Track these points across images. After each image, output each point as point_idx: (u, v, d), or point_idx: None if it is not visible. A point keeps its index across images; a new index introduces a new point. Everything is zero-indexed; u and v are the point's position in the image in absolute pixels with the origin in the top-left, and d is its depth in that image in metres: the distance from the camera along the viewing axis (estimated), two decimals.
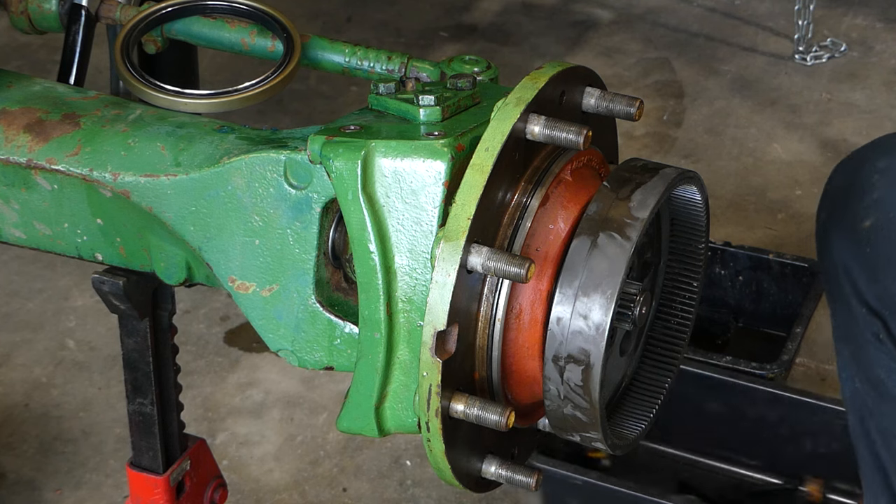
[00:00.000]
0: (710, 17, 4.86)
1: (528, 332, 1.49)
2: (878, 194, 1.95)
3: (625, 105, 1.54)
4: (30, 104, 1.72)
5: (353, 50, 1.96)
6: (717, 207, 3.81)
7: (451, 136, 1.48)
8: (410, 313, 1.48)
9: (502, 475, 1.54)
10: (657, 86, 4.46)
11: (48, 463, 2.96)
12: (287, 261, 1.56)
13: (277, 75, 1.85)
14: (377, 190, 1.48)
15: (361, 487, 2.89)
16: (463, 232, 1.40)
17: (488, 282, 1.47)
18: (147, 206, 1.62)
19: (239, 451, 2.98)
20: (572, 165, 1.54)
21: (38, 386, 3.17)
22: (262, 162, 1.55)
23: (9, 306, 3.43)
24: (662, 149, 4.13)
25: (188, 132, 1.65)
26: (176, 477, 1.97)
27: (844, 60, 4.58)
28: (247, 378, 3.19)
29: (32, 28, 2.06)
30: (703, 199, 1.64)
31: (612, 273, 1.43)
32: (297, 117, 4.24)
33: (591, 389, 1.45)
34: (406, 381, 1.50)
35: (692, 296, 1.72)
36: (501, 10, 4.94)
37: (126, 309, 1.81)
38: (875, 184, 1.97)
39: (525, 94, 1.47)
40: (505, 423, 1.45)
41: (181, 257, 1.66)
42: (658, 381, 1.70)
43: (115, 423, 3.05)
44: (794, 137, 4.17)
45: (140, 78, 1.83)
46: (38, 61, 4.45)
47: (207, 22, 2.00)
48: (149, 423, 1.93)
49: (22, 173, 1.68)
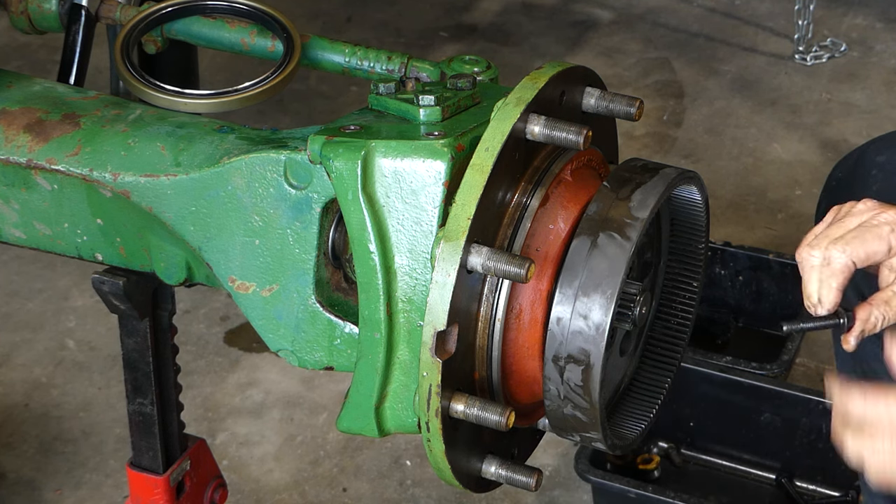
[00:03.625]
0: (710, 17, 4.86)
1: (528, 332, 1.49)
2: (876, 188, 1.95)
3: (625, 105, 1.55)
4: (30, 104, 1.72)
5: (353, 50, 1.96)
6: (717, 207, 3.81)
7: (451, 136, 1.48)
8: (410, 313, 1.48)
9: (502, 475, 1.53)
10: (657, 86, 4.46)
11: (48, 463, 2.96)
12: (287, 261, 1.56)
13: (277, 75, 1.85)
14: (377, 190, 1.48)
15: (361, 487, 2.89)
16: (463, 232, 1.40)
17: (488, 282, 1.47)
18: (147, 206, 1.62)
19: (239, 451, 2.99)
20: (572, 165, 1.54)
21: (38, 386, 3.17)
22: (262, 162, 1.55)
23: (9, 306, 3.43)
24: (662, 149, 4.13)
25: (188, 132, 1.65)
26: (176, 477, 1.97)
27: (844, 60, 4.58)
28: (247, 378, 3.20)
29: (32, 28, 2.06)
30: (703, 199, 1.64)
31: (612, 273, 1.43)
32: (297, 117, 4.24)
33: (591, 389, 1.45)
34: (406, 381, 1.50)
35: (692, 296, 1.72)
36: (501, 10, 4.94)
37: (126, 309, 1.81)
38: (874, 177, 1.98)
39: (525, 94, 1.47)
40: (505, 423, 1.44)
41: (181, 257, 1.66)
42: (658, 381, 1.70)
43: (115, 423, 3.04)
44: (794, 137, 4.17)
45: (140, 78, 1.83)
46: (38, 61, 4.45)
47: (207, 22, 2.00)
48: (149, 423, 1.93)
49: (22, 173, 1.68)
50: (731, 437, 2.89)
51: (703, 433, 2.91)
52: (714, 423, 2.90)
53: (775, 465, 2.88)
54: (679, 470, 2.92)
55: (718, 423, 2.89)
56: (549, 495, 2.86)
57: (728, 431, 2.89)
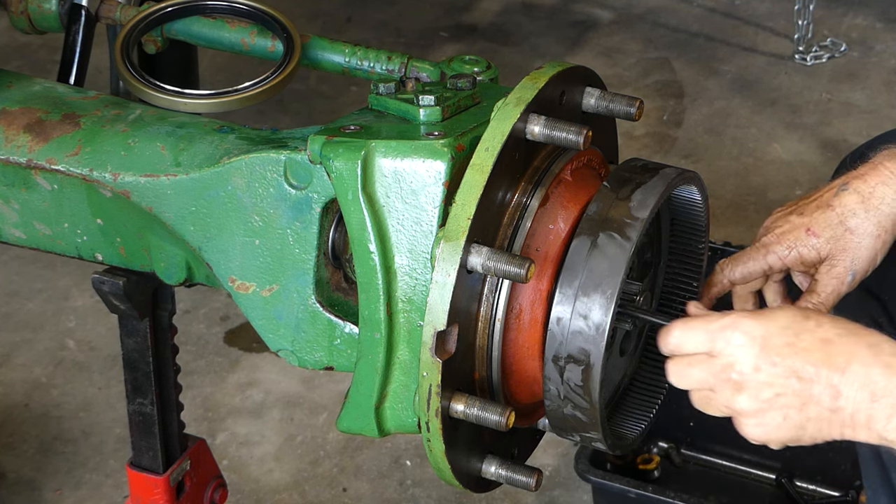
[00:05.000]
0: (710, 17, 4.86)
1: (528, 332, 1.49)
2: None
3: (625, 105, 1.54)
4: (30, 104, 1.72)
5: (353, 50, 1.96)
6: (717, 207, 3.81)
7: (451, 136, 1.48)
8: (410, 313, 1.48)
9: (502, 475, 1.53)
10: (657, 86, 4.46)
11: (48, 463, 2.96)
12: (287, 261, 1.56)
13: (277, 75, 1.85)
14: (377, 190, 1.48)
15: (361, 487, 2.89)
16: (463, 232, 1.40)
17: (488, 282, 1.47)
18: (147, 206, 1.62)
19: (239, 451, 2.98)
20: (572, 165, 1.54)
21: (38, 386, 3.17)
22: (262, 162, 1.55)
23: (9, 306, 3.43)
24: (662, 149, 4.13)
25: (188, 132, 1.65)
26: (176, 477, 1.97)
27: (844, 60, 4.58)
28: (247, 378, 3.20)
29: (32, 28, 2.06)
30: (703, 199, 1.64)
31: (612, 273, 1.43)
32: (297, 117, 4.24)
33: (591, 389, 1.45)
34: (406, 381, 1.50)
35: (692, 296, 1.72)
36: (501, 10, 4.94)
37: (126, 309, 1.81)
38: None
39: (525, 94, 1.47)
40: (505, 423, 1.44)
41: (181, 257, 1.66)
42: (658, 381, 1.70)
43: (115, 423, 3.04)
44: (794, 137, 4.17)
45: (140, 78, 1.83)
46: (38, 61, 4.45)
47: (207, 22, 2.00)
48: (149, 423, 1.93)
49: (22, 173, 1.68)
50: (731, 437, 2.86)
51: (703, 433, 2.91)
52: (714, 423, 2.89)
53: (775, 465, 2.87)
54: (679, 470, 2.92)
55: (718, 423, 2.88)
56: (549, 495, 2.86)
57: (728, 431, 2.87)
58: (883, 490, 1.93)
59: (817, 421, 1.46)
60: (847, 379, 1.43)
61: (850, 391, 1.43)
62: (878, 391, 1.42)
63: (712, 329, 1.47)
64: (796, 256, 1.71)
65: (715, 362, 1.46)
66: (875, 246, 1.69)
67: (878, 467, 1.93)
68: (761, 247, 1.73)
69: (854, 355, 1.44)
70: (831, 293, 1.69)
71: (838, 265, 1.69)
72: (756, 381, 1.45)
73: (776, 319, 1.46)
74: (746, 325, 1.45)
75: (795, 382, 1.44)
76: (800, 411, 1.45)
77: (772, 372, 1.44)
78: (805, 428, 1.47)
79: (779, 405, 1.46)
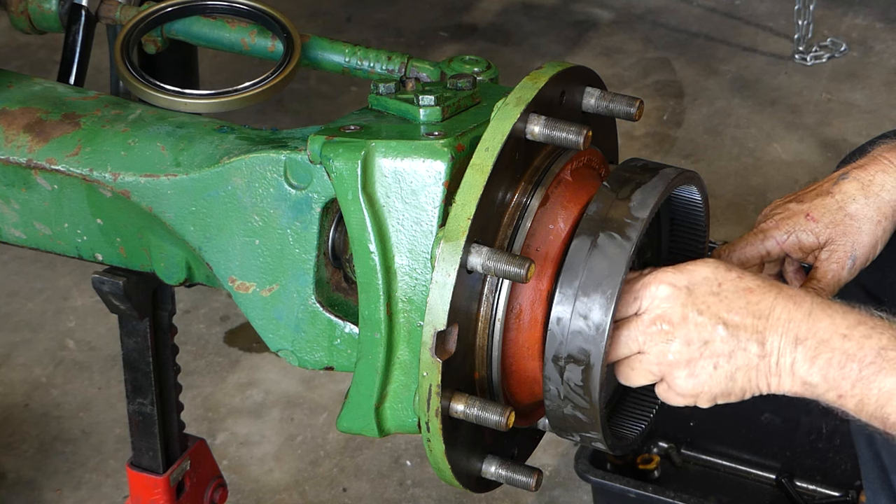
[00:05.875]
0: (710, 17, 4.86)
1: (528, 332, 1.49)
2: None
3: (625, 105, 1.54)
4: (30, 104, 1.72)
5: (353, 50, 1.96)
6: (717, 207, 3.81)
7: (451, 136, 1.48)
8: (410, 313, 1.48)
9: (502, 475, 1.53)
10: (657, 86, 4.46)
11: (48, 463, 2.96)
12: (287, 261, 1.56)
13: (277, 75, 1.85)
14: (377, 190, 1.48)
15: (361, 487, 2.89)
16: (463, 232, 1.40)
17: (488, 282, 1.47)
18: (147, 206, 1.62)
19: (239, 451, 2.98)
20: (572, 165, 1.54)
21: (38, 386, 3.17)
22: (262, 162, 1.55)
23: (9, 306, 3.43)
24: (662, 149, 4.13)
25: (188, 132, 1.65)
26: (176, 477, 1.97)
27: (844, 60, 4.58)
28: (247, 378, 3.19)
29: (32, 28, 2.06)
30: (703, 199, 1.64)
31: (612, 273, 1.43)
32: (297, 117, 4.24)
33: (591, 389, 1.45)
34: (406, 381, 1.50)
35: None
36: (501, 10, 4.94)
37: (126, 309, 1.81)
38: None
39: (525, 94, 1.47)
40: (505, 423, 1.44)
41: (181, 257, 1.66)
42: None
43: (115, 423, 3.04)
44: (794, 137, 4.17)
45: (140, 78, 1.83)
46: (38, 61, 4.45)
47: (207, 22, 2.00)
48: (149, 423, 1.93)
49: (22, 173, 1.68)
50: (731, 437, 2.89)
51: (703, 433, 2.91)
52: (714, 423, 2.89)
53: (775, 465, 2.87)
54: (679, 470, 2.92)
55: (718, 423, 2.89)
56: (549, 495, 2.86)
57: (728, 431, 2.89)
58: (883, 491, 1.92)
59: (746, 370, 1.47)
60: (771, 324, 1.45)
61: (773, 337, 1.45)
62: (800, 335, 1.45)
63: (636, 289, 1.48)
64: (794, 242, 1.71)
65: (643, 318, 1.47)
66: (875, 232, 1.69)
67: (877, 468, 1.92)
68: (759, 232, 1.73)
69: (777, 303, 1.46)
70: (832, 278, 1.69)
71: (838, 249, 1.69)
72: (685, 329, 1.46)
73: (698, 271, 1.47)
74: (669, 278, 1.47)
75: (722, 330, 1.45)
76: (729, 360, 1.46)
77: (699, 320, 1.45)
78: (735, 379, 1.47)
79: (708, 353, 1.46)
